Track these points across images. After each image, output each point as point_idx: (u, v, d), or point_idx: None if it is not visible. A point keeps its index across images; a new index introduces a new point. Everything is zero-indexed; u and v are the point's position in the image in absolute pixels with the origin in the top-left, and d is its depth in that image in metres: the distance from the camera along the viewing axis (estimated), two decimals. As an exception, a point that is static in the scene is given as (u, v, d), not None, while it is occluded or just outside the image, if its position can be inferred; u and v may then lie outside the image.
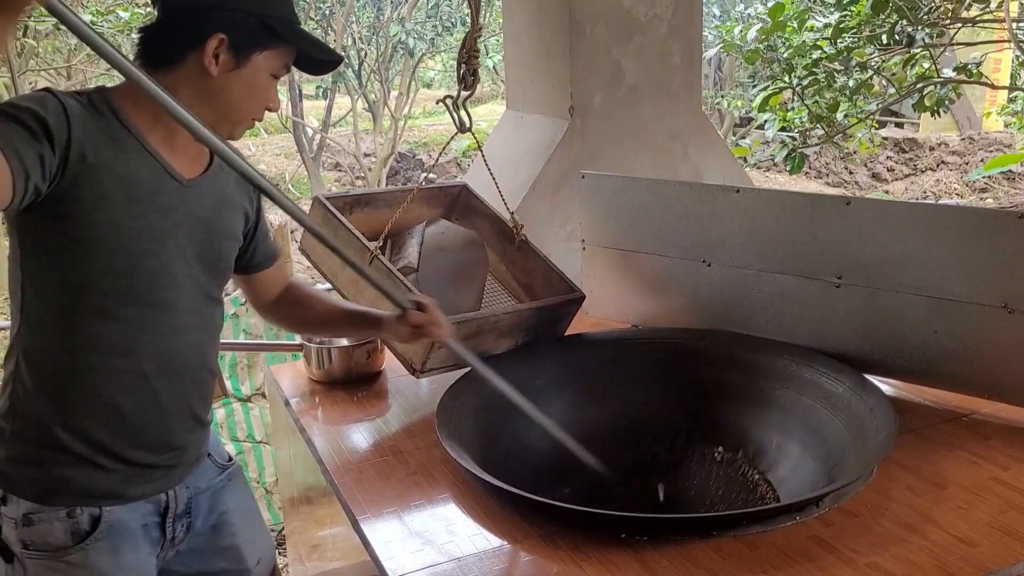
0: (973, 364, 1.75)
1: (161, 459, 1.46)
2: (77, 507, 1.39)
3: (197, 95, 1.35)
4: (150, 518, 1.48)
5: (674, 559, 1.34)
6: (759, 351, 1.95)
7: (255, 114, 1.43)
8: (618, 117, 2.74)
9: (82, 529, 1.39)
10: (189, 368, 1.46)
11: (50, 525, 1.38)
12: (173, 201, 1.37)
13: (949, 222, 1.72)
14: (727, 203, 2.01)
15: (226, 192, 1.47)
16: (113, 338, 1.36)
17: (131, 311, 1.36)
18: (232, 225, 1.51)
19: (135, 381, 1.39)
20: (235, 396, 3.30)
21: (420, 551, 1.41)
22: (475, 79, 1.91)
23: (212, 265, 1.46)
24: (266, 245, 1.66)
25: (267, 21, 1.36)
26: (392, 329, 1.63)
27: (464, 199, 2.33)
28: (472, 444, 1.67)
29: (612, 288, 2.28)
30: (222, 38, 1.32)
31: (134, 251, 1.33)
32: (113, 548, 1.41)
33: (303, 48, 1.42)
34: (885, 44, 4.46)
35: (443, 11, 8.52)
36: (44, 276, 1.33)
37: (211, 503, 1.60)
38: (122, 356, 1.37)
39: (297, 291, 1.73)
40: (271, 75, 1.40)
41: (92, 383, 1.36)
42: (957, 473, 1.55)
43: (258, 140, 11.42)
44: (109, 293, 1.33)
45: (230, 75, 1.35)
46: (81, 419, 1.37)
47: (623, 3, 2.66)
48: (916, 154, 10.76)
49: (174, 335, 1.41)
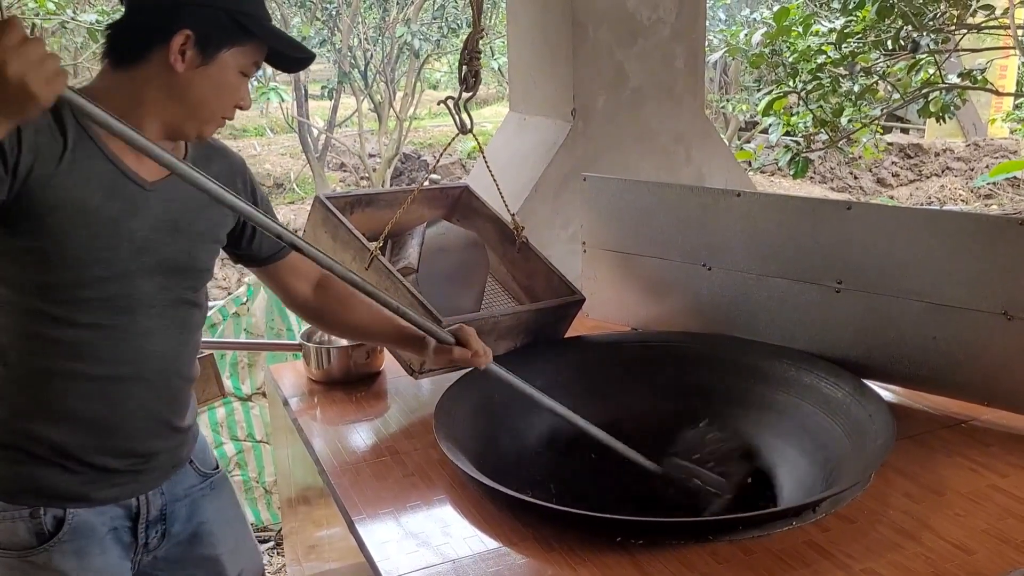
0: (973, 371, 1.74)
1: (126, 464, 1.43)
2: (41, 507, 1.37)
3: (164, 93, 1.32)
4: (120, 522, 1.45)
5: (670, 563, 1.34)
6: (759, 355, 1.94)
7: (225, 112, 1.39)
8: (621, 119, 2.74)
9: (45, 530, 1.37)
10: (156, 374, 1.43)
11: (14, 524, 1.37)
12: (130, 205, 1.34)
13: (949, 228, 1.72)
14: (728, 207, 2.01)
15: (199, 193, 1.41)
16: (75, 343, 1.34)
17: (92, 317, 1.34)
18: (208, 226, 1.47)
19: (96, 386, 1.36)
20: (235, 395, 3.30)
21: (415, 552, 1.40)
22: (476, 80, 1.90)
23: (182, 268, 1.43)
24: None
25: (236, 17, 1.32)
26: (434, 358, 1.66)
27: (465, 200, 2.32)
28: (469, 446, 1.67)
29: (613, 291, 2.28)
30: (188, 34, 1.29)
31: (84, 261, 1.31)
32: (78, 551, 1.39)
33: (274, 45, 1.39)
34: (890, 50, 4.46)
35: (449, 13, 8.52)
36: (8, 284, 1.32)
37: (190, 511, 1.57)
38: (84, 361, 1.35)
39: (335, 288, 1.67)
40: (240, 72, 1.37)
41: (54, 386, 1.35)
42: (955, 480, 1.54)
43: (263, 140, 11.44)
44: (69, 300, 1.32)
45: (197, 72, 1.32)
46: (42, 422, 1.35)
47: (626, 6, 2.66)
48: (921, 160, 10.74)
49: (136, 340, 1.38)
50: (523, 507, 1.46)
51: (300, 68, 1.51)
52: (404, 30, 7.94)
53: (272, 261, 1.62)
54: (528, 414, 1.87)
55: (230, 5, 1.32)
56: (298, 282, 1.67)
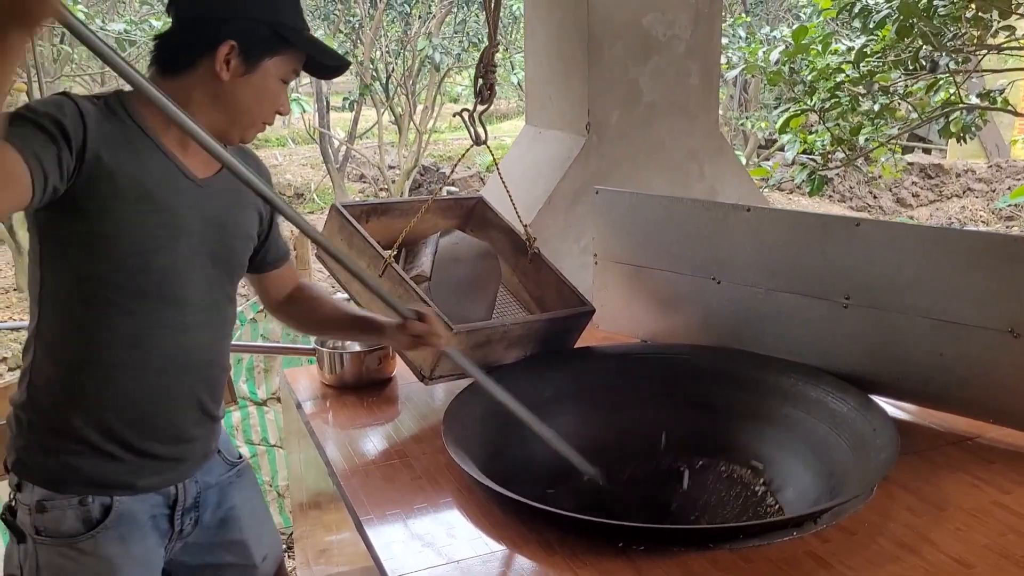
0: (979, 388, 1.75)
1: (171, 451, 1.50)
2: (89, 496, 1.43)
3: (209, 100, 1.40)
4: (159, 510, 1.52)
5: (670, 569, 1.35)
6: (766, 369, 1.96)
7: (265, 118, 1.47)
8: (635, 135, 2.76)
9: (93, 517, 1.43)
10: (200, 363, 1.51)
11: (62, 512, 1.42)
12: (186, 199, 1.41)
13: (958, 246, 1.73)
14: (738, 222, 2.03)
15: (240, 192, 1.50)
16: (126, 331, 1.40)
17: (144, 306, 1.40)
18: (246, 224, 1.56)
19: (147, 374, 1.43)
20: (251, 400, 3.35)
21: (420, 553, 1.43)
22: (492, 93, 1.95)
23: (225, 263, 1.51)
24: (279, 245, 1.70)
25: (277, 28, 1.40)
26: (393, 337, 1.68)
27: (479, 211, 2.36)
28: (477, 451, 1.69)
29: (623, 303, 2.30)
30: (233, 45, 1.37)
31: (147, 248, 1.37)
32: (122, 537, 1.45)
33: (312, 54, 1.47)
34: (910, 70, 4.46)
35: (470, 27, 8.60)
36: (60, 271, 1.38)
37: (219, 498, 1.63)
38: (134, 349, 1.41)
39: (307, 292, 1.78)
40: (281, 80, 1.45)
41: (105, 375, 1.41)
42: (958, 495, 1.55)
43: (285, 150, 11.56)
44: (122, 288, 1.38)
45: (240, 80, 1.40)
46: (94, 409, 1.41)
47: (642, 22, 2.69)
48: (942, 180, 10.70)
49: (185, 331, 1.46)
50: (527, 511, 1.48)
51: (336, 75, 1.60)
52: (425, 43, 8.02)
53: (269, 269, 1.71)
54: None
55: (271, 17, 1.40)
56: (281, 289, 1.76)
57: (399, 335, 1.66)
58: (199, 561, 1.64)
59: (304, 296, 1.77)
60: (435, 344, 1.66)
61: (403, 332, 1.64)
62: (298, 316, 1.79)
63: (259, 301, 1.82)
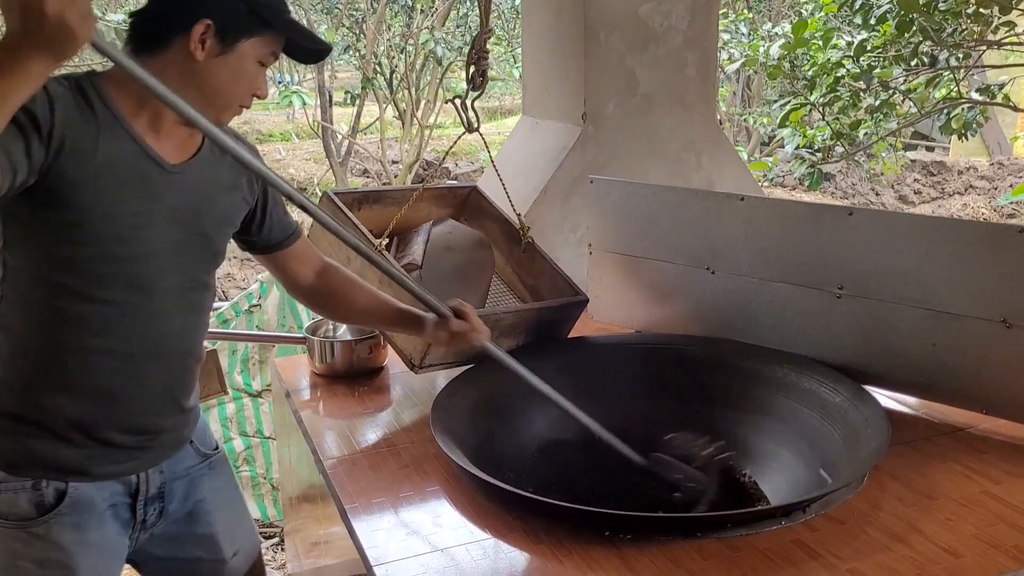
0: (971, 379, 1.74)
1: (132, 441, 1.46)
2: (43, 480, 1.40)
3: (183, 80, 1.35)
4: (119, 498, 1.49)
5: (656, 558, 1.34)
6: (759, 359, 1.95)
7: (242, 100, 1.42)
8: (631, 125, 2.75)
9: (47, 502, 1.41)
10: (171, 352, 1.47)
11: (15, 495, 1.40)
12: (156, 186, 1.38)
13: (950, 235, 1.72)
14: (732, 211, 2.01)
15: (219, 177, 1.47)
16: (93, 319, 1.37)
17: (112, 293, 1.37)
18: (224, 210, 1.52)
19: (113, 362, 1.40)
20: (246, 391, 3.34)
21: (405, 541, 1.42)
22: (484, 80, 1.93)
23: (198, 250, 1.47)
24: (283, 221, 1.65)
25: (254, 7, 1.36)
26: (432, 334, 1.67)
27: (473, 200, 2.35)
28: (465, 441, 1.68)
29: (617, 293, 2.29)
30: (208, 24, 1.33)
31: (114, 236, 1.34)
32: (77, 525, 1.43)
33: (292, 36, 1.43)
34: (911, 65, 4.44)
35: (472, 21, 8.57)
36: (27, 256, 1.35)
37: (187, 490, 1.60)
38: (101, 337, 1.38)
39: (336, 275, 1.72)
40: (258, 62, 1.41)
41: (70, 361, 1.38)
42: (948, 485, 1.54)
43: (288, 145, 11.56)
44: (90, 276, 1.35)
45: (216, 61, 1.36)
46: (56, 395, 1.39)
47: (638, 13, 2.67)
48: (944, 177, 10.67)
49: (156, 318, 1.42)
50: (513, 500, 1.47)
51: (317, 59, 1.55)
52: (428, 37, 8.00)
53: (279, 248, 1.66)
54: (526, 412, 1.88)
55: None
56: (302, 269, 1.70)
57: (438, 332, 1.65)
58: (168, 554, 1.61)
59: (334, 281, 1.71)
60: (475, 340, 1.65)
61: (443, 329, 1.64)
62: (329, 303, 1.73)
63: (284, 287, 1.76)
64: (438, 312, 1.63)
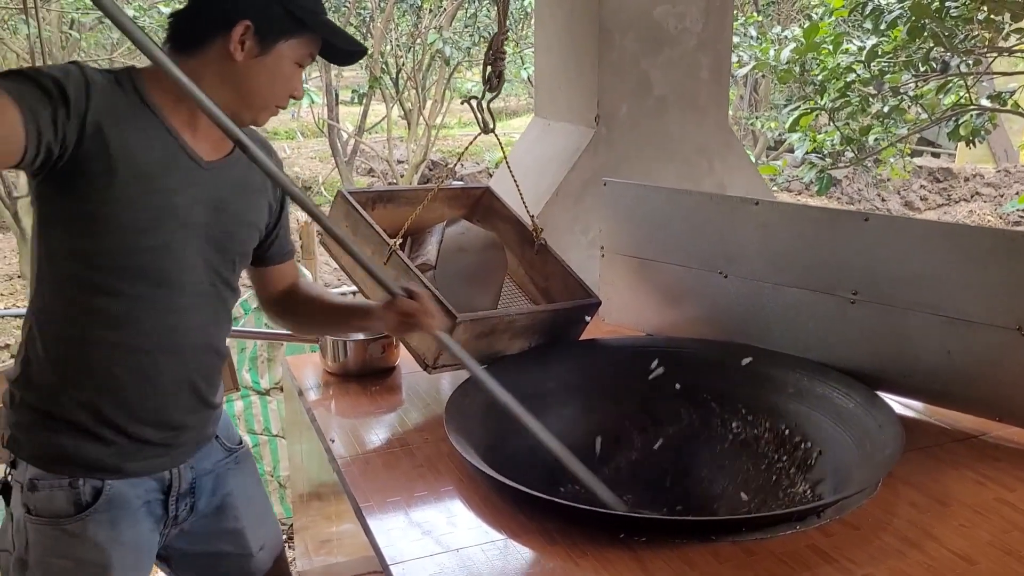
0: (986, 386, 1.73)
1: (160, 436, 1.47)
2: (80, 478, 1.42)
3: (221, 80, 1.38)
4: (153, 495, 1.50)
5: (671, 560, 1.35)
6: (772, 364, 1.94)
7: (278, 101, 1.45)
8: (644, 128, 2.75)
9: (84, 500, 1.42)
10: (193, 348, 1.48)
11: (52, 492, 1.41)
12: (187, 181, 1.39)
13: (966, 242, 1.71)
14: (746, 215, 2.01)
15: (250, 179, 1.49)
16: (117, 312, 1.38)
17: (136, 287, 1.38)
18: (253, 212, 1.53)
19: (137, 356, 1.41)
20: (254, 389, 3.35)
21: (420, 541, 1.42)
22: (500, 81, 1.93)
23: (225, 248, 1.48)
24: (285, 241, 1.68)
25: (293, 10, 1.38)
26: (382, 318, 1.61)
27: (486, 201, 2.35)
28: (479, 441, 1.68)
29: (629, 296, 2.29)
30: (248, 25, 1.35)
31: (140, 227, 1.35)
32: (112, 521, 1.44)
33: (328, 38, 1.45)
34: (921, 71, 4.44)
35: (480, 21, 8.58)
36: (57, 247, 1.36)
37: (215, 485, 1.61)
38: (124, 330, 1.39)
39: (301, 289, 1.74)
40: (295, 63, 1.43)
41: (95, 355, 1.39)
42: (962, 492, 1.54)
43: (294, 143, 11.57)
44: (114, 268, 1.36)
45: (254, 61, 1.38)
46: (85, 390, 1.40)
47: (653, 15, 2.67)
48: (950, 184, 10.66)
49: (179, 314, 1.43)
50: (527, 500, 1.47)
51: (352, 61, 1.56)
52: (436, 36, 8.01)
53: (271, 264, 1.68)
54: (540, 414, 1.88)
55: None
56: (276, 285, 1.72)
57: (387, 315, 1.59)
58: (196, 549, 1.63)
59: (298, 293, 1.73)
60: (426, 325, 1.57)
61: (391, 311, 1.58)
62: (291, 313, 1.74)
63: (255, 293, 1.77)
64: (390, 291, 1.57)
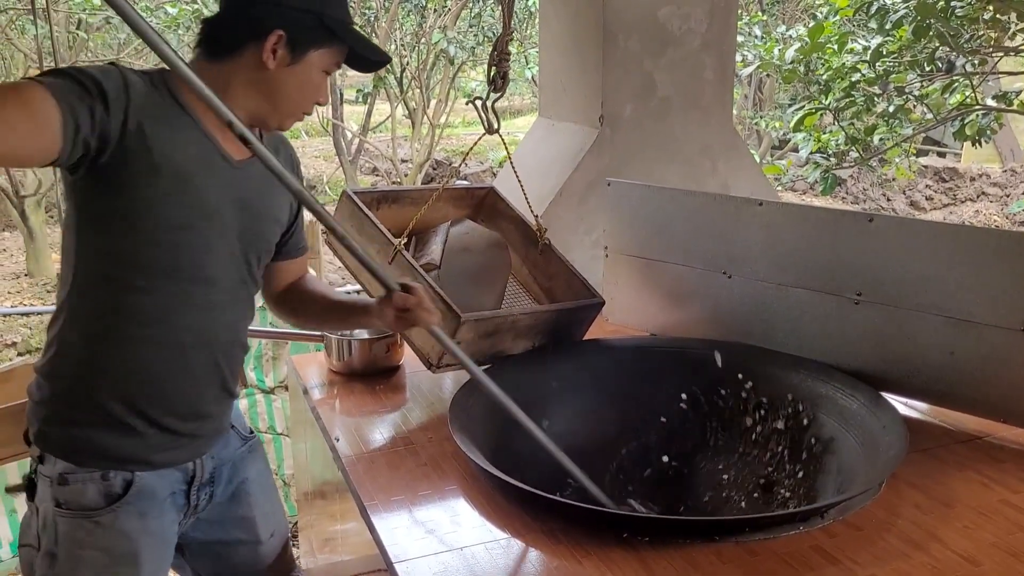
0: (990, 387, 1.73)
1: (189, 427, 1.50)
2: (111, 471, 1.44)
3: (251, 86, 1.41)
4: (178, 486, 1.53)
5: (674, 560, 1.35)
6: (776, 365, 1.94)
7: (305, 108, 1.48)
8: (648, 128, 2.75)
9: (115, 492, 1.44)
10: (224, 342, 1.51)
11: (84, 485, 1.43)
12: (220, 180, 1.42)
13: (970, 243, 1.71)
14: (750, 216, 2.02)
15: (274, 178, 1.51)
16: (152, 308, 1.41)
17: (171, 283, 1.41)
18: (277, 209, 1.57)
19: (171, 351, 1.44)
20: (258, 388, 3.35)
21: (424, 539, 1.43)
22: (505, 81, 1.94)
23: (253, 245, 1.52)
24: (300, 236, 1.71)
25: (324, 20, 1.41)
26: (378, 313, 1.61)
27: (490, 201, 2.35)
28: (483, 440, 1.69)
29: (633, 296, 2.29)
30: (281, 34, 1.38)
31: (176, 225, 1.38)
32: (142, 512, 1.47)
33: (356, 48, 1.48)
34: (926, 71, 4.43)
35: (484, 21, 8.58)
36: (92, 243, 1.39)
37: (232, 472, 1.65)
38: (159, 326, 1.42)
39: (306, 285, 1.75)
40: (323, 71, 1.46)
41: (130, 349, 1.42)
42: (966, 493, 1.54)
43: (298, 142, 11.58)
44: (151, 264, 1.38)
45: (285, 70, 1.41)
46: (117, 382, 1.42)
47: (657, 16, 2.67)
48: (956, 184, 10.64)
49: (212, 310, 1.47)
50: (531, 500, 1.48)
51: (377, 69, 1.61)
52: (440, 36, 8.01)
53: (287, 258, 1.69)
54: (544, 413, 1.88)
55: (319, 8, 1.41)
56: (283, 280, 1.73)
57: (383, 310, 1.58)
58: (210, 537, 1.65)
59: (303, 289, 1.74)
60: (422, 319, 1.56)
61: (387, 305, 1.57)
62: (294, 309, 1.75)
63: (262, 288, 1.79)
64: (386, 286, 1.57)
